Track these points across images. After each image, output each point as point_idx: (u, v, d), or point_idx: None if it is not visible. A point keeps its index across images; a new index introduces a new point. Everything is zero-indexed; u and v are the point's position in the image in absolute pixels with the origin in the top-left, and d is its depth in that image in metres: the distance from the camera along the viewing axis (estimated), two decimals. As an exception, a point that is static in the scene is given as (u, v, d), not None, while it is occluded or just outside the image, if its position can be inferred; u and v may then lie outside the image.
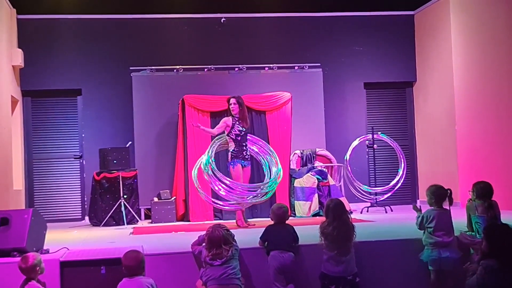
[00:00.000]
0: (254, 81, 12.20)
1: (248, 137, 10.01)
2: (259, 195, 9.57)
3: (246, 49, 12.85)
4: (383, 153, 12.96)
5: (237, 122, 9.83)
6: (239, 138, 9.80)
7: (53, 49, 12.38)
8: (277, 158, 9.99)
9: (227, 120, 9.94)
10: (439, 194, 6.77)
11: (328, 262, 6.34)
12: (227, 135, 9.86)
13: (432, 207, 6.79)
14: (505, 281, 5.16)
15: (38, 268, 5.91)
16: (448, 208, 6.77)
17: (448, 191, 6.76)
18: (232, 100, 9.93)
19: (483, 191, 6.86)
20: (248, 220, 10.11)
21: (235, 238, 6.55)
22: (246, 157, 9.82)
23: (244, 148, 9.83)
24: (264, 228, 6.89)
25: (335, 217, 6.36)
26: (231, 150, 9.85)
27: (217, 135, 9.99)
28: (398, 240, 7.14)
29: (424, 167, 13.34)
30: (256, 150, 10.21)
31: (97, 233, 9.81)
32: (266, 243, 6.76)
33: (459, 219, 7.01)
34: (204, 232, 6.65)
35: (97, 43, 12.49)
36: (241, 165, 9.75)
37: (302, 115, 12.14)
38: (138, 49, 12.57)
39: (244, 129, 9.84)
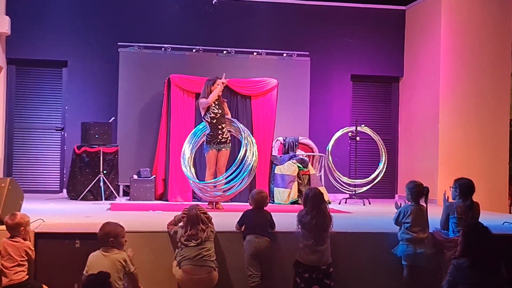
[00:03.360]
0: (242, 65, 12.16)
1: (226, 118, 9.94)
2: (236, 185, 9.60)
3: (236, 32, 12.80)
4: (365, 146, 12.99)
5: (213, 104, 9.78)
6: (214, 121, 9.77)
7: (41, 18, 12.25)
8: (252, 138, 9.94)
9: (203, 100, 9.86)
10: (417, 191, 6.82)
11: (304, 251, 6.36)
12: (203, 117, 9.85)
13: (410, 203, 6.83)
14: (472, 277, 5.22)
15: (22, 228, 5.98)
16: (424, 205, 6.82)
17: (425, 188, 6.80)
18: (219, 81, 9.90)
19: (465, 187, 6.87)
20: (226, 203, 10.12)
21: (212, 220, 6.55)
22: (223, 140, 9.78)
23: (220, 131, 9.78)
24: (242, 213, 6.89)
25: (314, 206, 6.37)
26: (206, 134, 9.85)
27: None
28: (374, 233, 7.18)
29: (405, 163, 13.41)
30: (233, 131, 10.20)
31: (74, 206, 9.76)
32: (243, 227, 6.77)
33: (435, 216, 7.05)
34: (180, 212, 6.65)
35: (87, 15, 12.37)
36: (216, 150, 9.74)
37: (287, 102, 12.14)
38: (128, 25, 12.47)
39: (220, 111, 9.79)
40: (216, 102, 9.84)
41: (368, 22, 13.44)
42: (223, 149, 9.81)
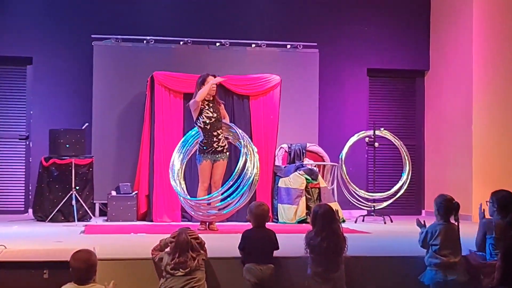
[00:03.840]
0: (238, 59, 12.18)
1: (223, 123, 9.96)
2: (233, 202, 9.60)
3: (230, 21, 12.80)
4: (385, 153, 12.98)
5: (207, 107, 9.81)
6: (208, 127, 9.77)
7: (1, 8, 12.26)
8: (253, 146, 9.95)
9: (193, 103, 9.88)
10: (447, 207, 6.78)
11: (313, 279, 6.35)
12: (195, 122, 9.86)
13: (438, 221, 6.80)
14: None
15: None
16: (455, 223, 6.79)
17: (455, 203, 6.76)
18: (211, 79, 9.91)
19: (505, 201, 6.85)
20: (221, 223, 10.12)
21: (205, 246, 6.54)
22: (219, 149, 9.79)
23: (215, 139, 9.79)
24: (241, 235, 6.87)
25: (324, 226, 6.36)
26: (199, 142, 9.85)
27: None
28: (397, 257, 7.16)
29: (433, 173, 13.38)
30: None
31: (41, 229, 9.75)
32: (243, 251, 6.75)
33: (469, 236, 7.04)
34: (168, 236, 6.64)
35: (55, 4, 12.38)
36: (211, 160, 9.76)
37: (292, 102, 12.15)
38: (103, 14, 12.48)
39: (215, 115, 9.82)
40: (211, 105, 9.84)
41: (387, 7, 13.45)
42: (219, 160, 9.80)
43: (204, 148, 9.77)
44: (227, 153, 9.91)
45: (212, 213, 9.69)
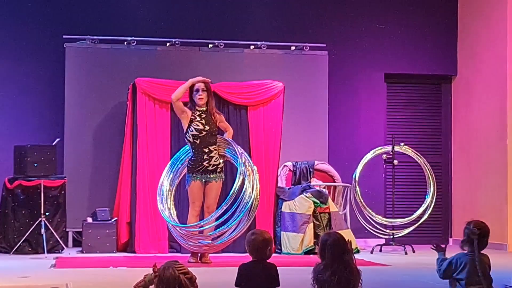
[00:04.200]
0: (235, 63, 12.23)
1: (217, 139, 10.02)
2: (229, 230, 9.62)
3: (225, 19, 12.84)
4: (406, 173, 13.01)
5: (198, 118, 9.86)
6: (197, 141, 9.82)
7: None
8: (252, 165, 10.01)
9: (186, 109, 9.97)
10: (478, 234, 6.79)
11: (323, 320, 6.36)
12: (184, 136, 9.92)
13: (465, 251, 6.82)
14: None
15: None
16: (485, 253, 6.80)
17: (480, 231, 6.76)
18: (200, 86, 9.97)
19: None
20: (216, 255, 10.14)
21: (196, 281, 6.56)
22: (210, 168, 9.84)
23: (206, 156, 9.84)
24: (237, 269, 6.89)
25: (334, 258, 6.36)
26: (188, 160, 9.90)
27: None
28: (419, 293, 7.20)
29: (461, 194, 13.38)
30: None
31: (5, 263, 9.74)
32: (239, 289, 6.77)
33: (503, 268, 7.06)
34: (152, 270, 6.66)
35: (21, 1, 12.37)
36: (201, 181, 9.81)
37: (297, 113, 12.19)
38: (76, 11, 12.48)
39: (207, 128, 9.87)
40: (203, 115, 9.91)
41: (408, 2, 13.49)
42: (211, 181, 9.86)
43: (193, 166, 9.83)
44: (222, 174, 9.95)
45: (204, 243, 9.71)
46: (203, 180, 9.84)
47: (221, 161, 9.99)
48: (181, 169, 10.25)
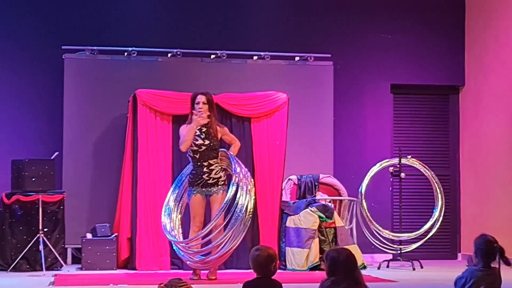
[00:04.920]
0: (237, 74, 12.22)
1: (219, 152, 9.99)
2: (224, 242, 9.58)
3: (228, 29, 12.86)
4: (414, 186, 12.98)
5: (198, 132, 9.86)
6: (197, 156, 9.83)
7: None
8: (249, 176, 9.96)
9: (183, 129, 9.94)
10: (487, 250, 6.75)
11: None
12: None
13: (477, 266, 6.78)
14: None
15: None
16: (497, 266, 6.75)
17: (497, 247, 6.71)
18: (200, 98, 9.97)
19: None
20: (220, 272, 10.10)
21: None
22: (210, 181, 9.82)
23: (206, 169, 9.83)
24: (242, 286, 6.84)
25: (347, 274, 6.32)
26: (188, 174, 9.89)
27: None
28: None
29: (471, 208, 13.36)
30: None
31: (2, 280, 9.73)
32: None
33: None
34: (154, 287, 6.62)
35: (18, 9, 12.40)
36: (202, 195, 9.82)
37: (302, 125, 12.18)
38: (75, 21, 12.51)
39: (207, 143, 9.85)
40: (203, 129, 9.89)
41: (415, 11, 13.50)
42: (212, 194, 9.85)
43: (193, 180, 9.83)
44: (224, 186, 9.91)
45: (200, 258, 9.66)
46: (204, 194, 9.84)
47: (222, 174, 9.97)
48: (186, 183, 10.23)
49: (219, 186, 9.87)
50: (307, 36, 13.06)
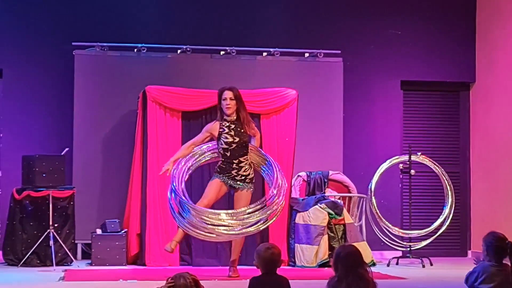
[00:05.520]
0: (247, 70, 12.26)
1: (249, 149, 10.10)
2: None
3: (238, 25, 12.88)
4: (423, 183, 13.01)
5: (227, 129, 9.92)
6: (227, 153, 9.90)
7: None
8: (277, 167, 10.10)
9: (210, 127, 10.01)
10: (499, 247, 6.79)
11: (337, 335, 6.37)
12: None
13: (488, 262, 6.82)
14: None
15: None
16: (509, 264, 6.80)
17: (509, 244, 6.77)
18: (227, 94, 10.00)
19: None
20: (227, 268, 10.17)
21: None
22: (239, 178, 9.89)
23: (235, 165, 9.90)
24: (249, 282, 6.91)
25: (348, 271, 6.38)
26: (218, 164, 10.00)
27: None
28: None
29: (481, 205, 13.36)
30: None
31: (13, 275, 9.79)
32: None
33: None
34: (163, 283, 6.68)
35: (29, 7, 12.44)
36: (225, 183, 9.87)
37: (311, 122, 12.22)
38: (85, 18, 12.53)
39: (237, 140, 9.92)
40: (232, 126, 9.95)
41: (425, 7, 13.50)
42: (239, 189, 9.94)
43: (221, 171, 9.93)
44: (251, 184, 10.01)
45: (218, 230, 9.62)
46: (228, 184, 9.90)
47: (251, 171, 10.04)
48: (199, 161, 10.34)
49: (246, 183, 9.94)
50: (316, 32, 13.07)
